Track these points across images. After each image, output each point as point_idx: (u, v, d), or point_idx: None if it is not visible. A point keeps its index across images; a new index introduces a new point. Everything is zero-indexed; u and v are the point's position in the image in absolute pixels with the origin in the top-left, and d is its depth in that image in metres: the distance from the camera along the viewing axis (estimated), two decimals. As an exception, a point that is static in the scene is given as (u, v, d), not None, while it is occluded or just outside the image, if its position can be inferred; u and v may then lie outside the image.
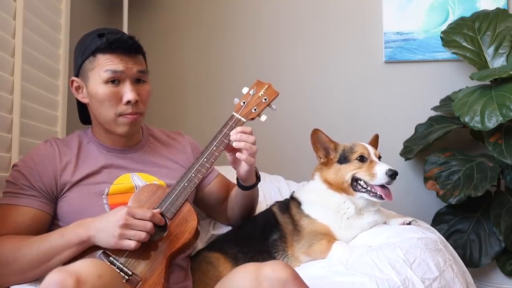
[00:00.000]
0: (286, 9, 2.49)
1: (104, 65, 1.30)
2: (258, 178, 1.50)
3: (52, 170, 1.32)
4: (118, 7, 2.33)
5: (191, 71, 2.52)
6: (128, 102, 1.32)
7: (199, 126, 2.40)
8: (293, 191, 1.60)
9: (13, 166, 1.35)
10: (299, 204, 1.51)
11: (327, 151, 1.54)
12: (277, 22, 2.49)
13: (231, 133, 1.36)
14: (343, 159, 1.50)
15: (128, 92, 1.32)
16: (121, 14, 2.27)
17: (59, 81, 1.88)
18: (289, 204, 1.54)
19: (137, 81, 1.35)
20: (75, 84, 1.38)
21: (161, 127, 1.60)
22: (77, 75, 1.37)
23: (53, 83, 1.85)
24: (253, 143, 1.36)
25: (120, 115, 1.34)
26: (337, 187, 1.49)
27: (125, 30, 2.24)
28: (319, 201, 1.49)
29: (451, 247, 1.48)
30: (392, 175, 1.42)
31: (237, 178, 1.48)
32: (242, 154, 1.35)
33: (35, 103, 1.70)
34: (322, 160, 1.54)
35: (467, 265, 1.51)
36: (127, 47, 1.31)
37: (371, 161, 1.48)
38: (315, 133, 1.52)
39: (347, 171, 1.48)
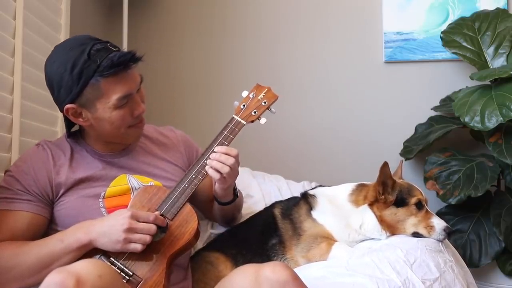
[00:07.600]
0: (285, 9, 2.49)
1: (113, 92, 1.23)
2: (236, 196, 1.47)
3: (46, 173, 1.29)
4: (118, 7, 2.33)
5: (191, 71, 2.51)
6: (139, 115, 1.31)
7: (198, 127, 2.38)
8: (314, 195, 1.53)
9: (6, 171, 1.32)
10: (310, 207, 1.49)
11: (385, 186, 1.45)
12: (277, 22, 2.49)
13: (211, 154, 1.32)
14: (400, 202, 1.44)
15: (138, 107, 1.30)
16: (121, 14, 2.27)
17: (59, 81, 1.87)
18: (297, 205, 1.52)
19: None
20: (71, 111, 1.26)
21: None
22: (72, 102, 1.24)
23: (53, 83, 1.84)
24: (230, 166, 1.30)
25: (130, 127, 1.32)
26: (389, 227, 1.45)
27: (125, 30, 2.23)
28: (341, 219, 1.46)
29: (452, 247, 1.47)
30: (450, 233, 1.40)
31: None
32: (210, 168, 1.31)
33: (35, 103, 1.70)
34: (380, 197, 1.45)
35: (467, 265, 1.50)
36: (127, 65, 1.24)
37: (427, 211, 1.44)
38: (386, 166, 1.44)
39: (405, 218, 1.43)
